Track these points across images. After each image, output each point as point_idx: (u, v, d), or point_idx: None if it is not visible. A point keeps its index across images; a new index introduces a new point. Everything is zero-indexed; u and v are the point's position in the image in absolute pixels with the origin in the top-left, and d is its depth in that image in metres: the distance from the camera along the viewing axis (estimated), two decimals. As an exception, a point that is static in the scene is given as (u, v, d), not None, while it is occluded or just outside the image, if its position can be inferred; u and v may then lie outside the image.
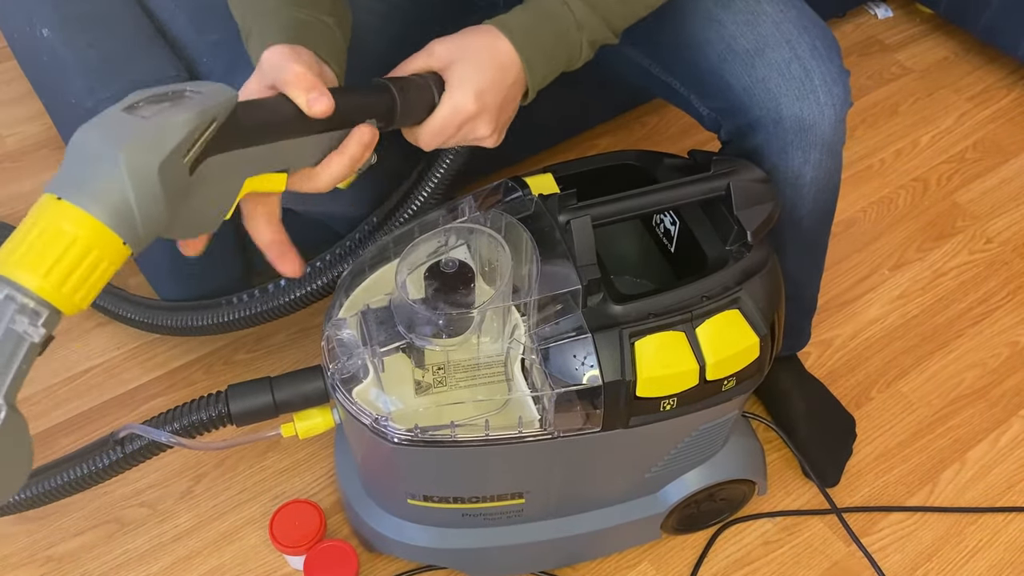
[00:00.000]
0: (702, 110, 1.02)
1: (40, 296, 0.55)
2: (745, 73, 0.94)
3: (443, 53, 0.78)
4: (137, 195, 0.56)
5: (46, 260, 0.55)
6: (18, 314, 0.55)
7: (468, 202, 0.94)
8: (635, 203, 0.88)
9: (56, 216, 0.56)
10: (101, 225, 0.56)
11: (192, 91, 0.62)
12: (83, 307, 0.57)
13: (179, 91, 0.62)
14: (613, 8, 0.83)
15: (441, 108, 0.77)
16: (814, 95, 0.93)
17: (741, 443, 1.11)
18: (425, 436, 0.86)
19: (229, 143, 0.63)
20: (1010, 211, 1.61)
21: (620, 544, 1.16)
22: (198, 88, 0.63)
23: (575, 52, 0.83)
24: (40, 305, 0.55)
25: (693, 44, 0.95)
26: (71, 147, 0.58)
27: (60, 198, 0.56)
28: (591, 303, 0.86)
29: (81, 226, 0.56)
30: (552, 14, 0.81)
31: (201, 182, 0.61)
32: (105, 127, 0.58)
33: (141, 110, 0.59)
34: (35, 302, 0.55)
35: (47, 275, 0.55)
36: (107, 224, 0.56)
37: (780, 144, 0.95)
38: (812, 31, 0.94)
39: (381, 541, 1.09)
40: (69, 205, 0.56)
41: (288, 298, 1.14)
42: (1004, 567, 1.20)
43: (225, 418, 0.96)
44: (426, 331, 0.86)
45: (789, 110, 0.93)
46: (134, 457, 1.01)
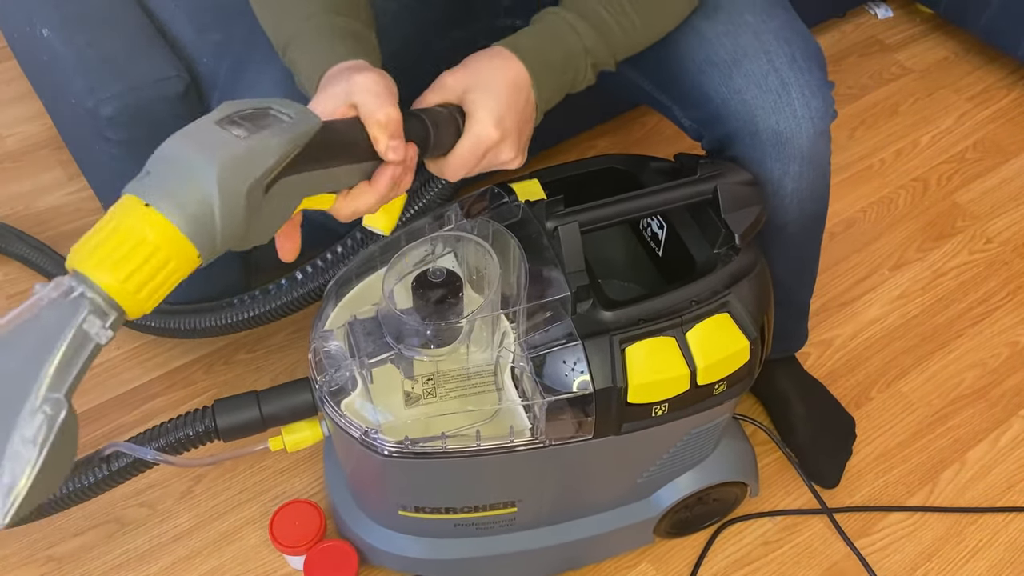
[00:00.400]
0: (684, 121, 1.01)
1: (114, 299, 0.56)
2: (723, 84, 0.93)
3: (455, 84, 0.78)
4: (223, 212, 0.57)
5: (126, 264, 0.55)
6: (92, 315, 0.55)
7: (454, 210, 0.94)
8: (623, 208, 0.88)
9: (140, 221, 0.56)
10: (183, 236, 0.56)
11: (279, 111, 0.63)
12: (146, 312, 0.58)
13: (264, 108, 0.63)
14: (618, 38, 0.85)
15: (464, 139, 0.77)
16: (790, 107, 0.92)
17: (732, 446, 1.11)
18: (415, 448, 0.86)
19: (303, 165, 0.64)
20: (1010, 211, 1.61)
21: (614, 549, 1.16)
22: (285, 108, 0.63)
23: (580, 75, 0.84)
24: (111, 308, 0.56)
25: (675, 54, 0.95)
26: (162, 153, 0.58)
27: (147, 204, 0.56)
28: (580, 310, 0.86)
29: (164, 235, 0.56)
30: (561, 37, 0.82)
31: (268, 200, 0.62)
32: (200, 140, 0.58)
33: (233, 127, 0.60)
34: (108, 304, 0.56)
35: (125, 280, 0.55)
36: (188, 236, 0.57)
37: (758, 156, 0.95)
38: (794, 41, 0.93)
39: (372, 553, 1.09)
40: (155, 212, 0.56)
41: (288, 298, 1.15)
42: (1004, 567, 1.20)
43: (212, 433, 0.95)
44: (414, 341, 0.85)
45: (765, 123, 0.92)
46: (120, 475, 1.01)
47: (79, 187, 1.56)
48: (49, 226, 1.51)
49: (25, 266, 1.42)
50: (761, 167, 0.96)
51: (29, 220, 1.51)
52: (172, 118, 1.06)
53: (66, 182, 1.57)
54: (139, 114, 1.04)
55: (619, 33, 0.85)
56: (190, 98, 1.06)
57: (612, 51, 0.85)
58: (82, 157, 1.42)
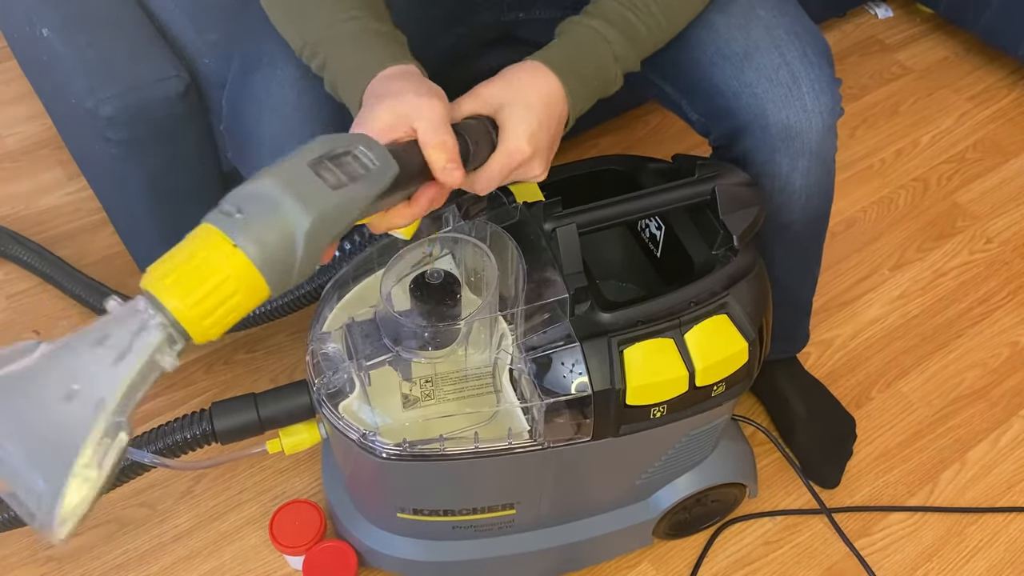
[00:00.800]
0: (691, 114, 1.01)
1: (185, 328, 0.56)
2: (733, 77, 0.93)
3: (491, 96, 0.79)
4: (303, 260, 0.58)
5: (204, 298, 0.56)
6: (166, 343, 0.55)
7: (452, 211, 0.93)
8: (621, 209, 0.88)
9: (225, 260, 0.56)
10: (258, 274, 0.57)
11: (364, 154, 0.64)
12: (209, 339, 0.58)
13: (350, 150, 0.64)
14: (645, 39, 0.86)
15: (497, 154, 0.77)
16: (800, 102, 0.92)
17: (731, 447, 1.11)
18: (414, 450, 0.86)
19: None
20: (1010, 211, 1.61)
21: (613, 551, 1.16)
22: (369, 152, 0.65)
23: (611, 82, 0.85)
24: (181, 335, 0.56)
25: (686, 47, 0.95)
26: (256, 192, 0.58)
27: (235, 245, 0.56)
28: (579, 311, 0.85)
29: (245, 275, 0.57)
30: (592, 48, 0.83)
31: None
32: (296, 188, 0.59)
33: (325, 172, 0.61)
34: (179, 332, 0.56)
35: (199, 311, 0.56)
36: (264, 274, 0.57)
37: (767, 151, 0.95)
38: (804, 37, 0.94)
39: (371, 555, 1.09)
40: (241, 255, 0.56)
41: (289, 298, 1.15)
42: (1004, 567, 1.20)
43: (210, 436, 0.95)
44: (412, 343, 0.85)
45: (775, 116, 0.92)
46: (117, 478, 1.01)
47: (79, 187, 1.56)
48: (49, 226, 1.51)
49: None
50: (770, 162, 0.96)
51: (29, 220, 1.51)
52: (172, 118, 1.06)
53: (66, 182, 1.57)
54: (139, 114, 1.04)
55: (645, 34, 0.86)
56: (190, 98, 1.06)
57: (639, 53, 0.86)
58: (82, 157, 1.42)
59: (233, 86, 0.95)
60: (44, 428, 0.52)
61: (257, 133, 0.91)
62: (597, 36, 0.84)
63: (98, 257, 1.47)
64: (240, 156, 0.95)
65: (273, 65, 0.91)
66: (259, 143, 0.92)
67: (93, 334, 0.55)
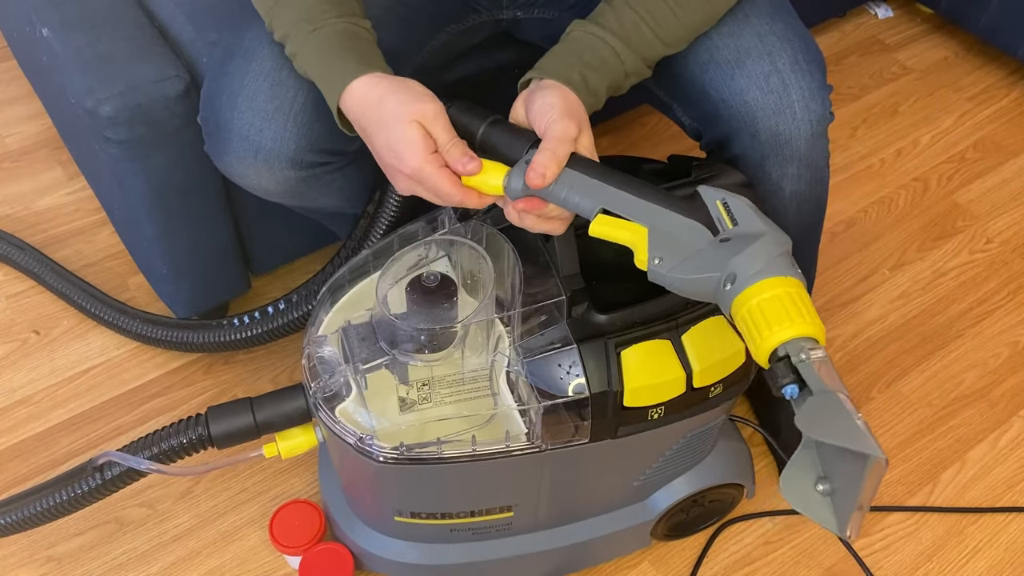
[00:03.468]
0: (683, 119, 1.02)
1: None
2: (724, 84, 0.93)
3: (516, 115, 0.84)
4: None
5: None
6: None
7: (448, 213, 0.93)
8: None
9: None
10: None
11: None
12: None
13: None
14: (657, 50, 0.89)
15: (547, 140, 0.79)
16: (790, 109, 0.92)
17: (728, 447, 1.11)
18: (411, 454, 0.86)
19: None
20: (1010, 211, 1.61)
21: (611, 553, 1.16)
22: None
23: (620, 87, 0.89)
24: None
25: (678, 53, 0.95)
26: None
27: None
28: (575, 313, 0.85)
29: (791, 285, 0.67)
30: (604, 64, 0.86)
31: None
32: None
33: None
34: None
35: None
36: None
37: (757, 157, 0.95)
38: (796, 44, 0.94)
39: (368, 558, 1.09)
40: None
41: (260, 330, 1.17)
42: (1004, 567, 1.20)
43: (206, 440, 0.95)
44: (409, 347, 0.85)
45: (765, 123, 0.92)
46: (114, 483, 1.01)
47: (79, 187, 1.56)
48: (48, 226, 1.51)
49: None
50: (760, 168, 0.96)
51: (29, 220, 1.51)
52: (172, 118, 1.06)
53: (66, 182, 1.57)
54: (139, 114, 1.04)
55: (657, 45, 0.89)
56: (190, 98, 1.06)
57: (648, 64, 0.89)
58: (82, 157, 1.42)
59: (209, 78, 0.96)
60: None
61: (229, 124, 0.92)
62: (610, 52, 0.86)
63: (98, 257, 1.47)
64: (213, 147, 0.96)
65: (248, 58, 0.91)
66: (230, 134, 0.92)
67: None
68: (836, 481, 0.63)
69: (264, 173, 0.94)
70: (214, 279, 1.31)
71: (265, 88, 0.90)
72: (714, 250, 0.71)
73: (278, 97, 0.90)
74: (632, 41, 0.87)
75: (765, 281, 0.65)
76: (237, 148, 0.93)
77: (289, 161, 0.93)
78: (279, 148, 0.92)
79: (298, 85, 0.90)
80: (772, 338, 0.63)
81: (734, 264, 0.68)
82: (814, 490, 0.64)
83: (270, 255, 1.39)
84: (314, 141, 0.92)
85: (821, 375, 0.62)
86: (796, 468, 0.66)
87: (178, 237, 1.20)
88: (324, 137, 0.92)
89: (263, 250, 1.35)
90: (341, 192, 1.02)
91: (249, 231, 1.29)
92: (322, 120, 0.91)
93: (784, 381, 0.63)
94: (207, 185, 1.15)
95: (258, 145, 0.91)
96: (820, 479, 0.64)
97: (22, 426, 1.28)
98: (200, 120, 0.97)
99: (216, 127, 0.94)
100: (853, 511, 0.61)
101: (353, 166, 0.99)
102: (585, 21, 0.88)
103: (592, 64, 0.85)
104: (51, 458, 1.25)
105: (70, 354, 1.36)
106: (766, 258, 0.68)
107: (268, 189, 0.97)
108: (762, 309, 0.64)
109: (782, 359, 0.63)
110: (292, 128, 0.91)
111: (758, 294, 0.65)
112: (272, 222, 1.28)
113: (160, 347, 1.31)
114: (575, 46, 0.87)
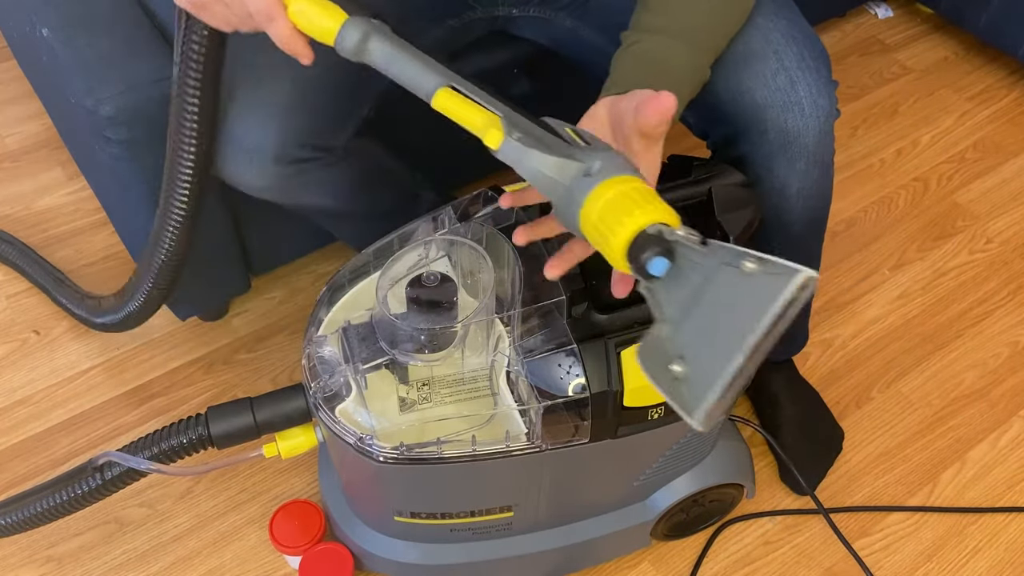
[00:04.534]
0: (689, 118, 1.02)
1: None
2: (732, 82, 0.93)
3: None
4: None
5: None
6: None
7: (448, 213, 0.93)
8: None
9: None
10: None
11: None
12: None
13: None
14: (720, 45, 0.89)
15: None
16: (799, 106, 0.92)
17: (728, 447, 1.11)
18: (411, 454, 0.86)
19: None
20: (1010, 211, 1.61)
21: (611, 553, 1.16)
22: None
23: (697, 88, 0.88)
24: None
25: None
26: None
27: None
28: (575, 313, 0.85)
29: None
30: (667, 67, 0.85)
31: None
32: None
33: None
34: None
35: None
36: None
37: (765, 154, 0.95)
38: (801, 41, 0.94)
39: (368, 558, 1.09)
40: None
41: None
42: (1004, 567, 1.20)
43: (206, 440, 0.95)
44: (409, 347, 0.85)
45: (773, 121, 0.93)
46: (115, 483, 1.01)
47: (79, 187, 1.56)
48: (48, 226, 1.51)
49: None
50: (767, 166, 0.96)
51: (29, 220, 1.51)
52: (172, 118, 1.06)
53: (66, 182, 1.57)
54: (139, 114, 1.04)
55: (721, 39, 0.89)
56: (190, 98, 1.06)
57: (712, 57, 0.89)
58: (82, 157, 1.42)
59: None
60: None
61: (227, 131, 0.92)
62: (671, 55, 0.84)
63: (98, 257, 1.47)
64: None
65: (232, 56, 0.91)
66: (215, 131, 0.92)
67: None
68: (693, 363, 0.57)
69: (251, 170, 0.94)
70: (214, 279, 1.31)
71: (248, 83, 0.90)
72: (570, 147, 0.67)
73: (260, 91, 0.90)
74: (699, 41, 0.86)
75: (628, 177, 0.62)
76: (223, 145, 0.93)
77: (274, 157, 0.93)
78: (263, 143, 0.92)
79: (280, 79, 0.89)
80: (643, 217, 0.59)
81: (597, 157, 0.65)
82: (667, 370, 0.58)
83: (270, 255, 1.39)
84: (297, 136, 0.92)
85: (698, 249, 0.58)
86: (649, 344, 0.61)
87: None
88: (308, 132, 0.92)
89: (263, 250, 1.35)
90: (330, 190, 1.02)
91: (249, 231, 1.29)
92: (306, 114, 0.91)
93: (653, 251, 0.58)
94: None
95: (241, 140, 0.92)
96: (677, 359, 0.58)
97: (22, 426, 1.28)
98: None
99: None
100: (713, 400, 0.55)
101: (341, 164, 0.99)
102: (652, 32, 0.86)
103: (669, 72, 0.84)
104: (51, 458, 1.25)
105: (70, 354, 1.36)
106: (624, 160, 0.65)
107: (257, 186, 0.97)
108: (629, 196, 0.61)
109: (649, 237, 0.59)
110: (274, 123, 0.91)
111: (623, 184, 0.62)
112: (272, 222, 1.28)
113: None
114: (650, 57, 0.85)
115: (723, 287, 0.56)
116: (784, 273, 0.54)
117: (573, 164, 0.64)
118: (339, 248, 1.46)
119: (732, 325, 0.55)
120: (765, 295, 0.54)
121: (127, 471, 0.99)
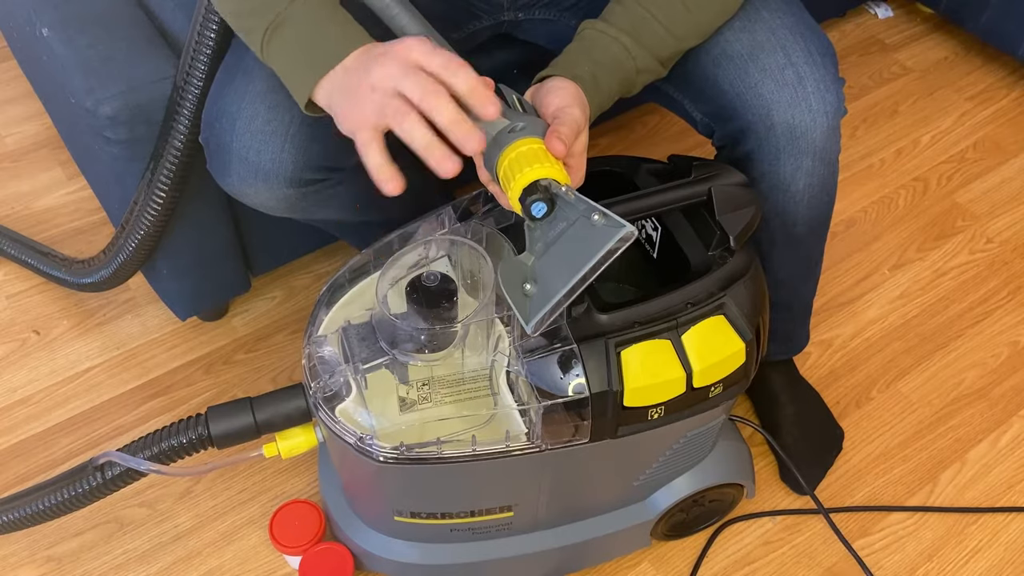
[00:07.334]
0: (695, 115, 1.01)
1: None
2: (738, 78, 0.93)
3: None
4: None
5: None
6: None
7: (448, 213, 0.93)
8: (617, 211, 0.87)
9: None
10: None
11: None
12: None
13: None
14: (669, 46, 0.90)
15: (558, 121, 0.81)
16: (806, 102, 0.92)
17: (728, 447, 1.11)
18: (411, 454, 0.86)
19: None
20: (1010, 211, 1.61)
21: (611, 552, 1.16)
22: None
23: (632, 85, 0.90)
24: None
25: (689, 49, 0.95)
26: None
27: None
28: (575, 313, 0.85)
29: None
30: (616, 62, 0.87)
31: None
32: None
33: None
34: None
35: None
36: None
37: (772, 151, 0.95)
38: (808, 37, 0.94)
39: (368, 558, 1.09)
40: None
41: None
42: (1004, 567, 1.20)
43: (206, 441, 0.95)
44: (409, 346, 0.85)
45: (781, 116, 0.92)
46: (115, 483, 1.00)
47: (79, 187, 1.56)
48: (48, 226, 1.51)
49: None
50: (774, 162, 0.96)
51: (28, 220, 1.51)
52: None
53: (66, 182, 1.57)
54: (139, 114, 1.04)
55: (671, 43, 0.90)
56: (190, 98, 1.06)
57: (661, 62, 0.90)
58: (82, 157, 1.42)
59: (210, 100, 0.96)
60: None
61: (229, 146, 0.92)
62: (622, 50, 0.86)
63: (98, 257, 1.47)
64: (216, 167, 0.96)
65: (247, 79, 0.91)
66: (231, 155, 0.92)
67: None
68: (539, 285, 0.76)
69: (264, 192, 0.94)
70: (214, 279, 1.31)
71: (263, 111, 0.90)
72: (507, 109, 0.79)
73: (275, 119, 0.90)
74: (643, 37, 0.87)
75: (540, 140, 0.75)
76: (238, 169, 0.93)
77: (288, 180, 0.93)
78: (278, 169, 0.92)
79: (295, 106, 0.89)
80: (540, 171, 0.72)
81: (523, 120, 0.77)
82: (521, 287, 0.78)
83: (270, 255, 1.39)
84: (311, 160, 0.92)
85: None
86: (512, 265, 0.80)
87: (178, 237, 1.20)
88: (321, 156, 0.93)
89: (263, 250, 1.35)
90: (340, 205, 1.02)
91: (249, 231, 1.29)
92: (319, 140, 0.91)
93: (537, 197, 0.72)
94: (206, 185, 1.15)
95: (257, 166, 0.92)
96: (531, 281, 0.77)
97: (22, 426, 1.28)
98: (202, 141, 0.97)
99: (217, 148, 0.94)
100: (545, 311, 0.74)
101: (351, 180, 0.99)
102: (595, 20, 0.88)
103: (602, 62, 0.85)
104: (51, 458, 1.25)
105: (70, 354, 1.36)
106: (544, 127, 0.77)
107: (269, 206, 0.97)
108: (535, 153, 0.73)
109: (538, 186, 0.72)
110: (290, 149, 0.91)
111: (534, 143, 0.74)
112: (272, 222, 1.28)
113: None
114: (585, 44, 0.87)
115: (576, 232, 0.73)
116: (615, 226, 0.71)
117: (502, 121, 0.77)
118: (339, 248, 1.46)
119: (571, 261, 0.73)
120: (598, 241, 0.71)
121: (127, 471, 0.99)
